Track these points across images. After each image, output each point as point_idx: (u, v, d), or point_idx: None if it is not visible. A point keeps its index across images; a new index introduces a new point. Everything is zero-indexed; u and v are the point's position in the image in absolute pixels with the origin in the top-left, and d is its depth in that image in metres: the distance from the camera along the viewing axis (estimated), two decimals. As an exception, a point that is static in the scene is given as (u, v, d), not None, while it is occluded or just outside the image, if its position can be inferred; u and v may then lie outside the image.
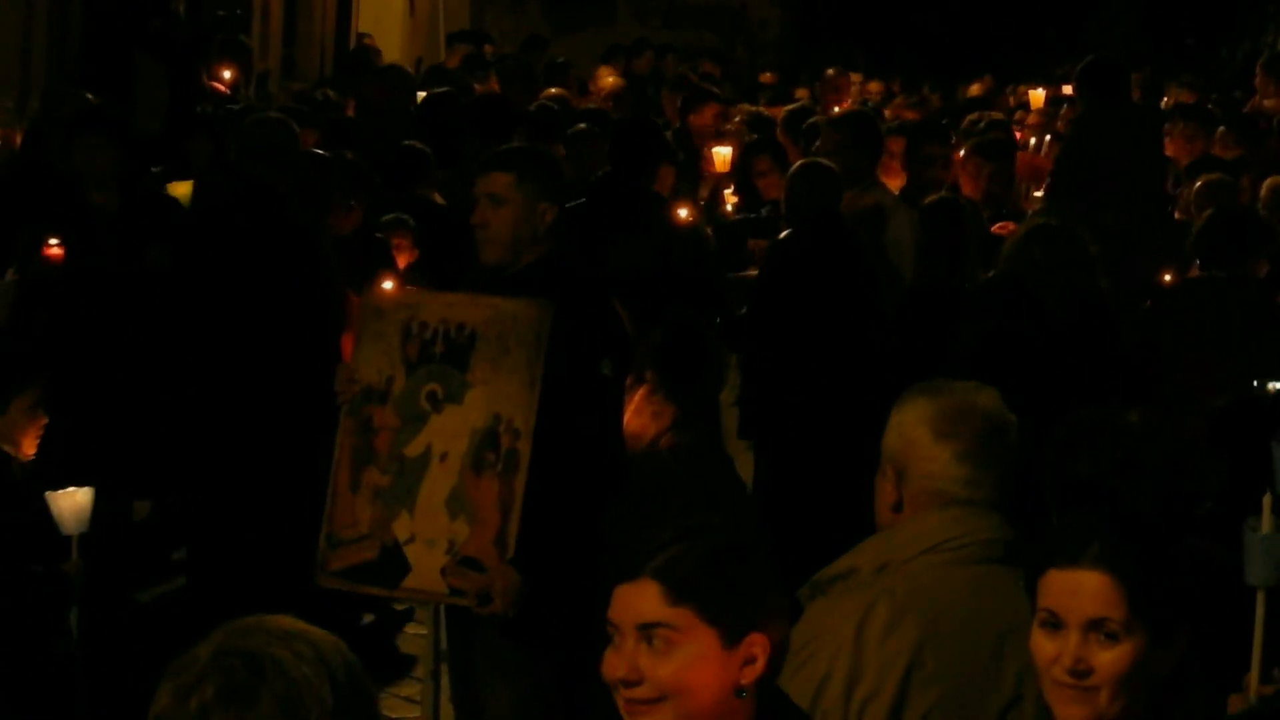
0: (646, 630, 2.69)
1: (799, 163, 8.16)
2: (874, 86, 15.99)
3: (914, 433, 3.63)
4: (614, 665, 2.71)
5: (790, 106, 11.97)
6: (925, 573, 3.55)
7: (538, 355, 5.16)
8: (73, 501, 5.46)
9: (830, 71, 14.19)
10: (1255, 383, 6.46)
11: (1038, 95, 13.87)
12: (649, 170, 8.54)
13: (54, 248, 7.44)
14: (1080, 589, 2.79)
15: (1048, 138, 10.41)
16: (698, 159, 10.85)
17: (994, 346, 6.27)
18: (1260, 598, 3.52)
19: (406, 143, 9.42)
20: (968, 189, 8.92)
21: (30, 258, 7.51)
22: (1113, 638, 2.78)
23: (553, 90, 13.34)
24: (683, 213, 8.68)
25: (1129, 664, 2.77)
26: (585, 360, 5.21)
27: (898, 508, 3.67)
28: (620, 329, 5.44)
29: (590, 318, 5.26)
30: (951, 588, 3.53)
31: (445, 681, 5.61)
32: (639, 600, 2.71)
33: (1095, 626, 2.79)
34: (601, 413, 5.29)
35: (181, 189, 8.55)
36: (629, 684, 2.70)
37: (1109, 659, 2.77)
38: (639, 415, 5.99)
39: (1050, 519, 3.94)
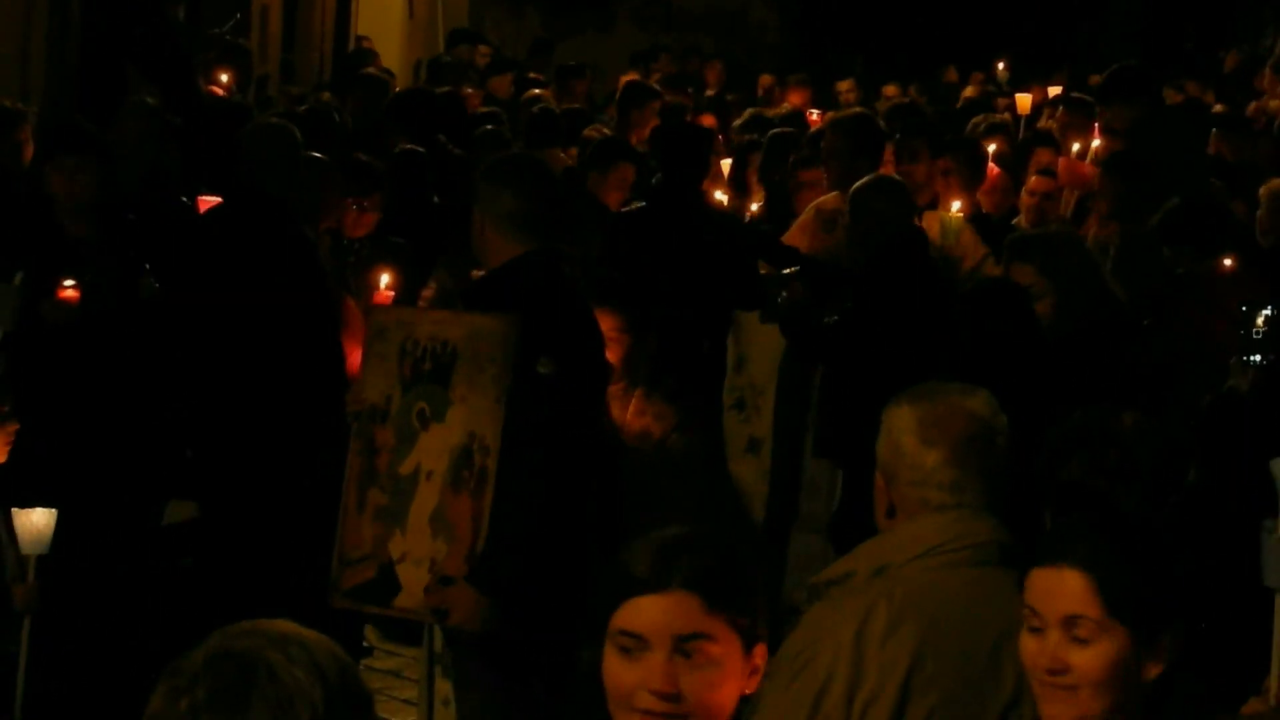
0: (683, 642, 2.57)
1: (871, 178, 7.92)
2: (890, 90, 15.94)
3: (900, 439, 3.65)
4: (638, 678, 2.58)
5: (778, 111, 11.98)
6: (922, 576, 3.55)
7: (505, 371, 5.21)
8: (29, 521, 5.43)
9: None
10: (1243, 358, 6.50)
11: (1024, 99, 13.80)
12: (703, 173, 8.78)
13: (69, 289, 6.78)
14: (1058, 587, 2.85)
15: (1094, 144, 10.24)
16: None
17: (984, 349, 6.25)
18: (1278, 601, 3.50)
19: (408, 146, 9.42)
20: (939, 187, 8.91)
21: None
22: (1089, 636, 2.81)
23: (536, 91, 13.33)
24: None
25: (1106, 663, 2.79)
26: (520, 360, 5.22)
27: (890, 513, 3.69)
28: (570, 328, 5.42)
29: (529, 317, 5.26)
30: (949, 591, 3.54)
31: (438, 686, 5.63)
32: (675, 611, 2.57)
33: (1071, 624, 2.83)
34: (541, 413, 5.26)
35: None
36: (666, 697, 2.57)
37: (1086, 658, 2.80)
38: (640, 417, 5.98)
39: (1043, 522, 3.94)
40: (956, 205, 8.76)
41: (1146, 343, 6.77)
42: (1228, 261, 7.69)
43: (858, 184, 7.86)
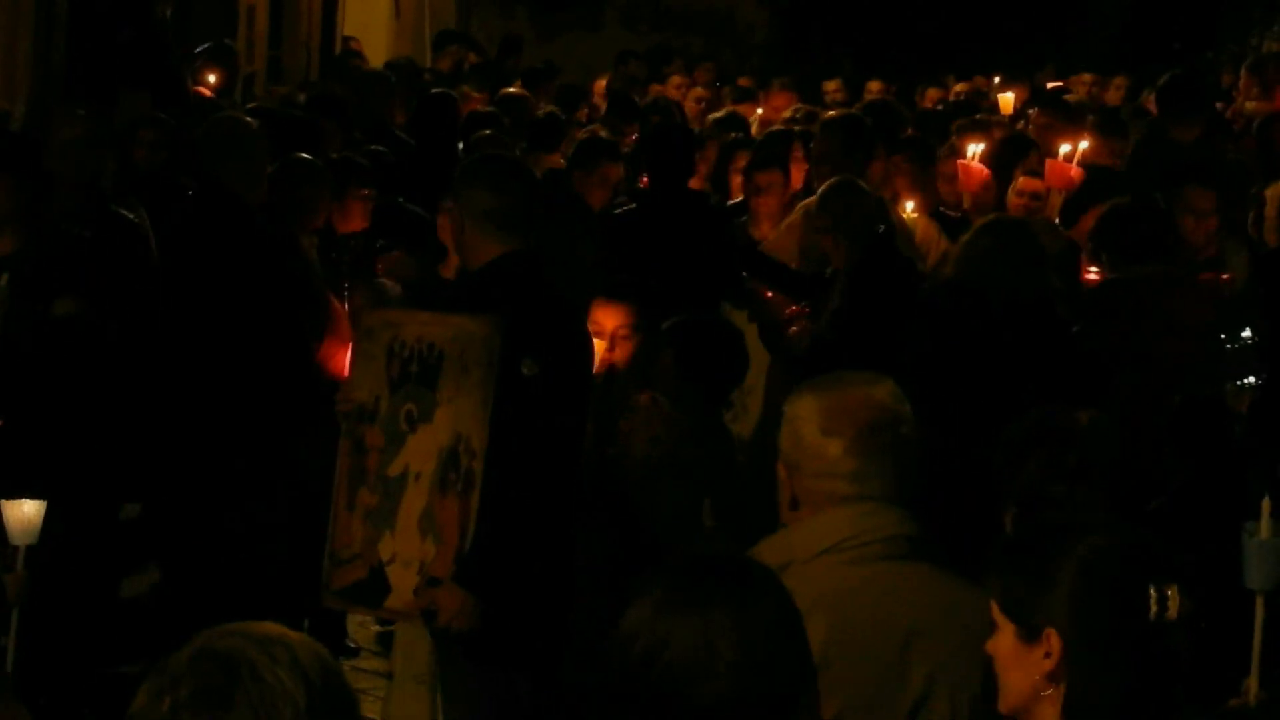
0: None
1: (840, 181, 7.88)
2: (875, 86, 15.93)
3: (802, 429, 3.58)
4: None
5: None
6: (827, 574, 3.49)
7: (490, 373, 5.22)
8: (20, 512, 5.44)
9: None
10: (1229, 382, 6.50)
11: (1006, 99, 13.77)
12: (690, 173, 8.85)
13: None
14: None
15: (1082, 145, 10.23)
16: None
17: (944, 349, 6.25)
18: (1259, 602, 3.52)
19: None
20: (899, 185, 8.95)
21: None
22: (995, 627, 2.93)
23: (511, 90, 13.35)
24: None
25: (1002, 654, 2.90)
26: (503, 362, 5.23)
27: (794, 505, 3.62)
28: (553, 329, 5.42)
29: (512, 318, 5.27)
30: (855, 588, 3.48)
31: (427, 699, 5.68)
32: None
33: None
34: (527, 415, 5.26)
35: None
36: None
37: (995, 647, 2.91)
38: (651, 426, 6.01)
39: (1003, 523, 3.94)
40: (910, 205, 8.80)
41: (1075, 347, 6.74)
42: (1225, 277, 7.66)
43: (830, 188, 7.84)
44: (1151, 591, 2.74)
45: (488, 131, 10.00)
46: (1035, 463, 3.98)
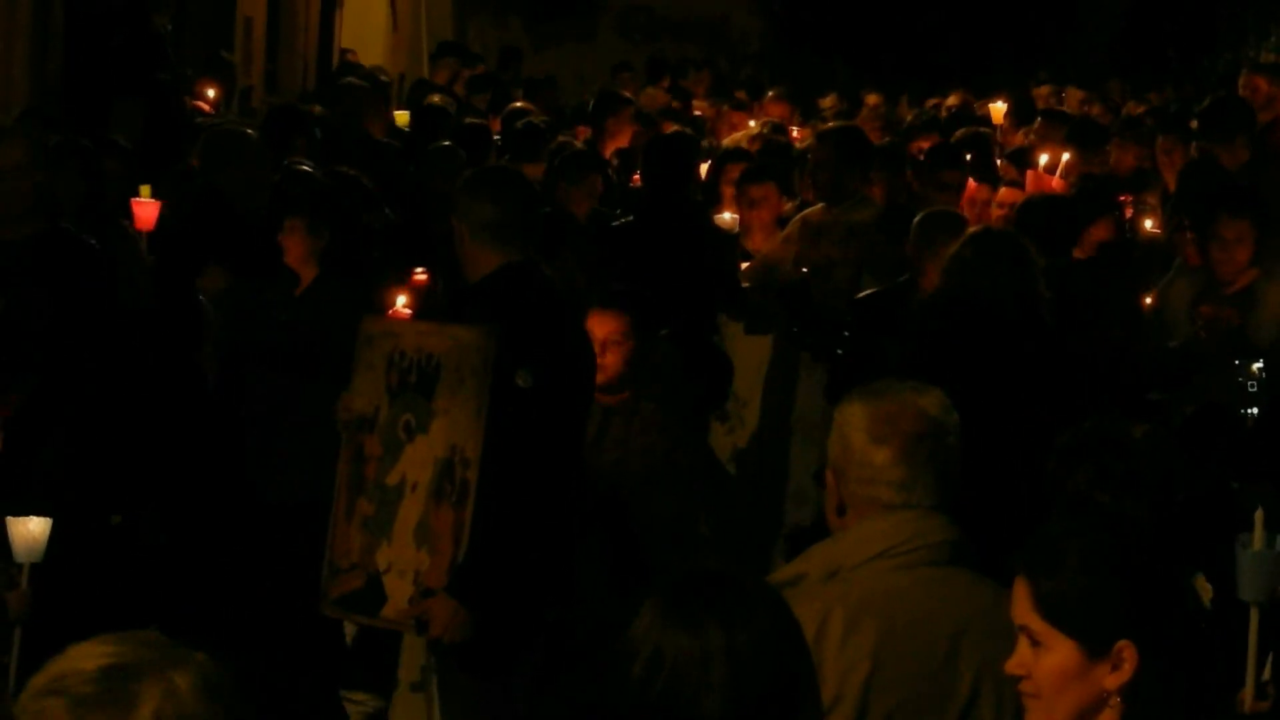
0: None
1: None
2: (872, 99, 15.93)
3: (850, 435, 3.61)
4: None
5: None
6: (875, 579, 3.52)
7: (485, 384, 5.24)
8: (26, 530, 5.45)
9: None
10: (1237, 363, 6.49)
11: (998, 109, 13.75)
12: (690, 184, 8.86)
13: None
14: (1015, 594, 2.92)
15: (1064, 157, 10.17)
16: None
17: (939, 362, 6.27)
18: (1253, 613, 3.54)
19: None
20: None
21: None
22: (1040, 644, 2.85)
23: (519, 104, 13.36)
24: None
25: (1053, 672, 2.83)
26: (498, 373, 5.25)
27: (841, 511, 3.66)
28: (552, 340, 5.43)
29: (509, 329, 5.28)
30: (903, 592, 3.52)
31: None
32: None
33: (1026, 632, 2.89)
34: (521, 426, 5.27)
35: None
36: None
37: (1039, 665, 2.84)
38: (645, 433, 6.03)
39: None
40: None
41: (1065, 355, 6.74)
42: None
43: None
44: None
45: (446, 143, 9.92)
46: (1084, 471, 3.99)
